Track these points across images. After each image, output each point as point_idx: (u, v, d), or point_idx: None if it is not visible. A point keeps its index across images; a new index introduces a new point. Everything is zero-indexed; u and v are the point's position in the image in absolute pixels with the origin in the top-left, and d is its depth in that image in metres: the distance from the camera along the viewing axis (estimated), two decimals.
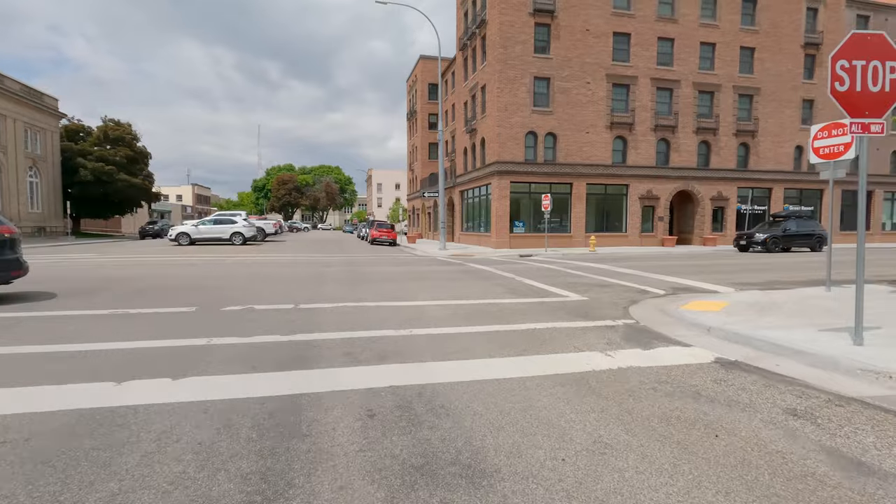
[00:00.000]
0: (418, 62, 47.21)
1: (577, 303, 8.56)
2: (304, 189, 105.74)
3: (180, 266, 14.89)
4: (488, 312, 7.51)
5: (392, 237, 32.10)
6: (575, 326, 6.53)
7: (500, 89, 25.30)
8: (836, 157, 9.23)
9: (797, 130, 30.38)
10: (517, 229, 26.47)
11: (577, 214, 26.97)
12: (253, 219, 34.30)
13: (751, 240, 23.86)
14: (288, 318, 6.90)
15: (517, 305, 8.20)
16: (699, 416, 3.40)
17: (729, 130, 29.04)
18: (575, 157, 26.64)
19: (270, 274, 12.80)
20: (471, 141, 30.50)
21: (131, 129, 48.61)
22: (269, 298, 8.59)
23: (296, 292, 9.39)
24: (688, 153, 28.53)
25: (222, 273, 12.87)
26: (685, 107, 28.15)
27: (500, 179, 25.64)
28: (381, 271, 13.95)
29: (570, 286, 10.76)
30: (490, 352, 5.16)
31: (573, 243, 26.83)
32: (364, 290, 9.77)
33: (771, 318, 6.67)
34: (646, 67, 27.32)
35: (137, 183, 45.42)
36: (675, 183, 28.42)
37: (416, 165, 48.06)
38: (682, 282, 11.66)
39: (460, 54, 32.59)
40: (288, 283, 10.78)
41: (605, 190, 27.67)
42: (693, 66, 28.10)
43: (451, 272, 13.88)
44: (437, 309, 7.79)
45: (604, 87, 26.76)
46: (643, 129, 27.60)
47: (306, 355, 4.95)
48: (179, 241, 27.01)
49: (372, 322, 6.67)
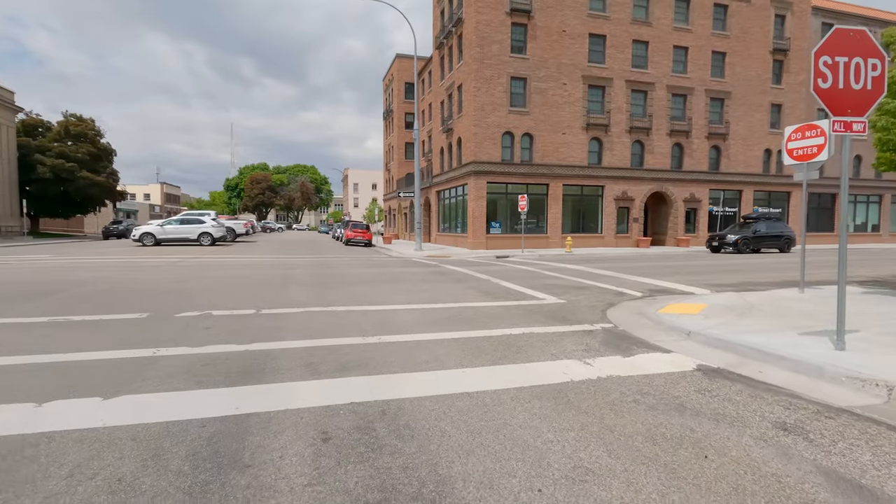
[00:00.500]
0: (394, 61, 46.68)
1: (554, 306, 8.31)
2: (278, 189, 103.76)
3: (140, 268, 14.12)
4: (462, 317, 7.19)
5: (367, 238, 31.54)
6: (552, 332, 6.26)
7: (477, 89, 25.07)
8: (810, 159, 9.25)
9: (766, 134, 31.10)
10: (494, 230, 26.28)
11: (553, 215, 26.95)
12: (223, 219, 33.21)
13: (723, 241, 24.23)
14: (247, 324, 6.43)
15: (492, 309, 7.90)
16: (686, 433, 3.13)
17: (701, 133, 29.50)
18: (551, 157, 26.62)
19: (236, 276, 12.21)
20: (447, 140, 30.19)
21: (94, 124, 46.62)
22: (230, 303, 8.07)
23: (260, 296, 8.89)
24: (662, 155, 28.85)
25: (184, 276, 12.21)
26: (659, 109, 28.47)
27: (476, 180, 25.40)
28: (354, 273, 13.50)
29: (547, 288, 10.54)
30: (462, 361, 4.83)
31: (549, 244, 26.80)
32: (334, 294, 9.33)
33: (750, 322, 6.53)
34: (621, 69, 27.50)
35: (100, 181, 43.57)
36: (650, 184, 28.71)
37: (393, 165, 47.51)
38: (658, 283, 11.58)
39: (437, 53, 32.27)
40: (253, 287, 10.25)
41: (581, 191, 27.73)
42: (667, 69, 28.44)
43: (425, 274, 13.53)
44: (409, 313, 7.43)
45: (580, 88, 26.81)
46: (618, 131, 27.78)
47: (262, 367, 4.52)
48: (144, 241, 25.89)
49: (339, 328, 6.27)
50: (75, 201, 43.52)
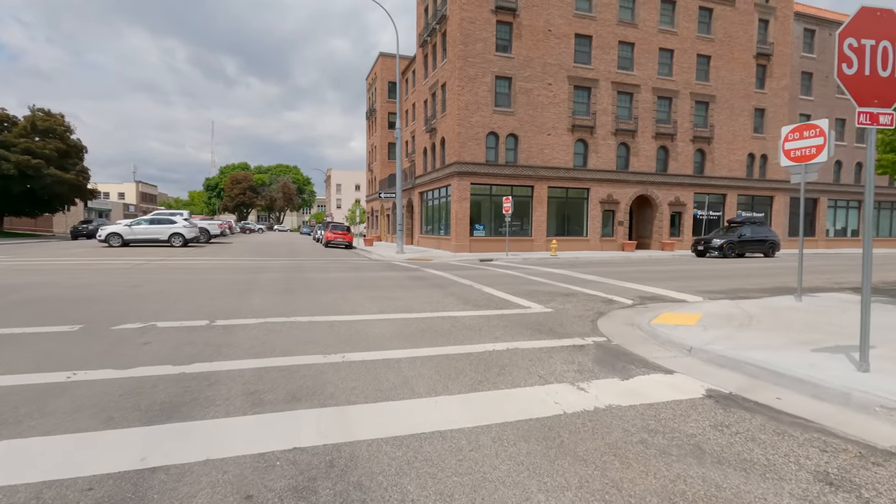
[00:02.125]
0: (378, 59, 45.88)
1: (540, 315, 7.67)
2: (259, 189, 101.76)
3: (96, 271, 13.09)
4: (439, 329, 6.49)
5: (348, 240, 30.65)
6: (539, 347, 5.60)
7: (461, 87, 24.44)
8: (809, 160, 8.80)
9: (749, 138, 31.11)
10: (477, 232, 25.65)
11: (538, 218, 26.43)
12: (197, 219, 31.92)
13: (708, 245, 23.99)
14: (194, 339, 5.63)
15: (472, 320, 7.22)
16: (711, 492, 2.48)
17: (686, 136, 29.35)
18: (536, 159, 26.12)
19: (198, 281, 11.31)
20: (430, 140, 29.51)
21: (64, 120, 44.80)
22: (182, 312, 7.24)
23: (219, 304, 8.06)
24: (647, 158, 28.60)
25: (142, 280, 11.27)
26: (645, 112, 28.22)
27: (460, 181, 24.75)
28: (327, 278, 12.70)
29: (532, 295, 9.90)
30: (435, 386, 4.13)
31: (534, 247, 26.28)
32: (301, 302, 8.55)
33: (752, 334, 5.97)
34: (606, 71, 27.17)
35: (69, 179, 41.76)
36: (635, 188, 28.42)
37: (376, 166, 46.64)
38: (647, 290, 11.05)
39: (420, 51, 31.58)
40: (213, 293, 9.40)
41: (566, 193, 27.28)
42: (652, 72, 28.21)
43: (404, 279, 12.80)
44: (381, 325, 6.70)
45: (565, 88, 26.38)
46: (604, 133, 27.43)
47: (194, 397, 3.76)
48: (110, 242, 24.58)
49: (298, 344, 5.51)
50: (42, 199, 41.65)
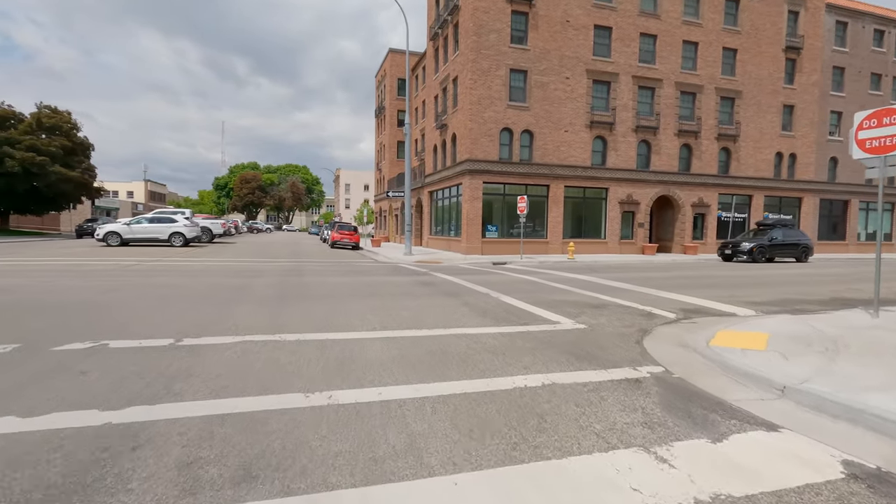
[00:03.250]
0: (387, 56, 44.83)
1: (573, 334, 6.42)
2: (268, 188, 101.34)
3: (77, 273, 12.05)
4: (453, 353, 5.27)
5: (355, 240, 29.58)
6: (583, 381, 4.36)
7: (474, 81, 23.20)
8: (889, 151, 7.45)
9: (777, 136, 29.50)
10: (489, 234, 24.38)
11: (553, 219, 25.10)
12: (199, 217, 31.00)
13: (736, 249, 22.52)
14: (148, 365, 4.47)
15: (494, 339, 5.99)
16: None
17: (711, 134, 27.82)
18: (552, 157, 24.80)
19: (184, 286, 10.20)
20: (441, 137, 28.29)
21: (70, 117, 44.33)
22: (149, 326, 6.10)
23: (197, 315, 6.92)
24: (669, 156, 27.13)
25: (121, 283, 10.18)
26: (667, 107, 26.76)
27: (472, 179, 23.50)
28: (327, 283, 11.53)
29: (558, 306, 8.65)
30: (453, 454, 2.91)
31: (549, 250, 24.95)
32: (291, 313, 7.38)
33: (850, 366, 4.67)
34: (627, 64, 25.77)
35: (74, 176, 41.20)
36: (656, 188, 26.96)
37: (384, 165, 45.56)
38: (686, 300, 9.74)
39: (431, 45, 30.39)
40: (196, 301, 8.26)
41: (583, 193, 25.92)
42: (675, 66, 26.76)
43: (411, 285, 11.60)
44: (382, 346, 5.50)
45: (584, 83, 25.04)
46: (624, 130, 26.03)
47: (101, 474, 2.57)
48: (108, 241, 23.68)
49: (276, 375, 4.32)
50: (47, 197, 41.13)
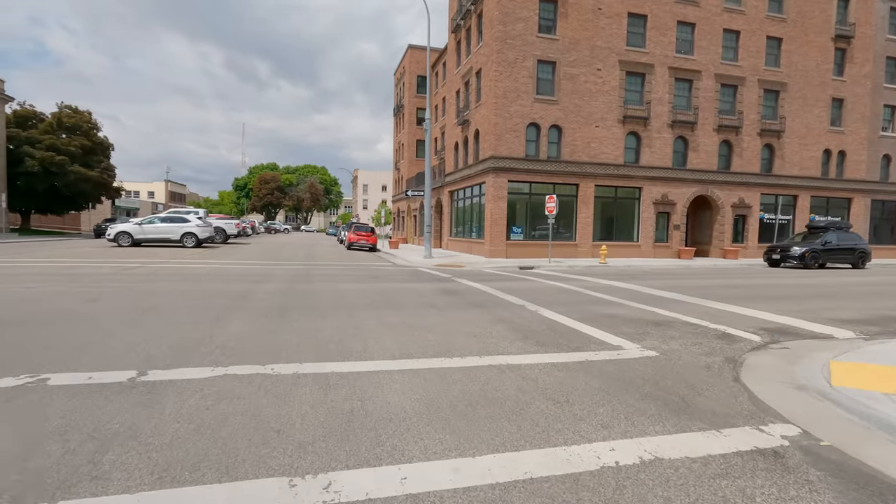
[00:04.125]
0: (406, 52, 43.69)
1: (646, 365, 4.98)
2: (287, 189, 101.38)
3: (70, 277, 11.03)
4: (498, 397, 3.89)
5: (372, 242, 28.44)
6: (696, 455, 2.93)
7: (499, 73, 21.77)
8: None
9: (825, 132, 27.33)
10: (514, 235, 22.89)
11: (582, 220, 23.49)
12: (213, 217, 30.20)
13: (786, 254, 20.60)
14: (82, 419, 3.19)
15: (546, 374, 4.59)
16: None
17: (753, 129, 25.85)
18: (582, 154, 23.20)
19: (178, 293, 9.03)
20: (463, 134, 26.92)
21: (91, 117, 44.33)
22: (111, 351, 4.86)
23: (178, 334, 5.67)
24: (707, 154, 25.26)
25: (108, 291, 9.06)
26: (706, 101, 24.91)
27: (496, 177, 22.06)
28: (339, 291, 10.24)
29: (611, 323, 7.19)
30: None
31: (578, 253, 23.35)
32: (292, 332, 6.08)
33: None
34: (663, 55, 24.03)
35: (93, 176, 41.06)
36: (694, 187, 25.12)
37: (403, 164, 44.41)
38: (760, 316, 8.18)
39: (453, 37, 29.05)
40: (185, 313, 7.04)
41: (614, 193, 24.24)
42: (715, 56, 24.90)
43: (434, 293, 10.24)
44: (403, 384, 4.14)
45: (616, 74, 23.39)
46: (659, 125, 24.27)
47: None
48: (119, 241, 22.92)
49: (251, 442, 3.00)
50: (66, 197, 41.05)
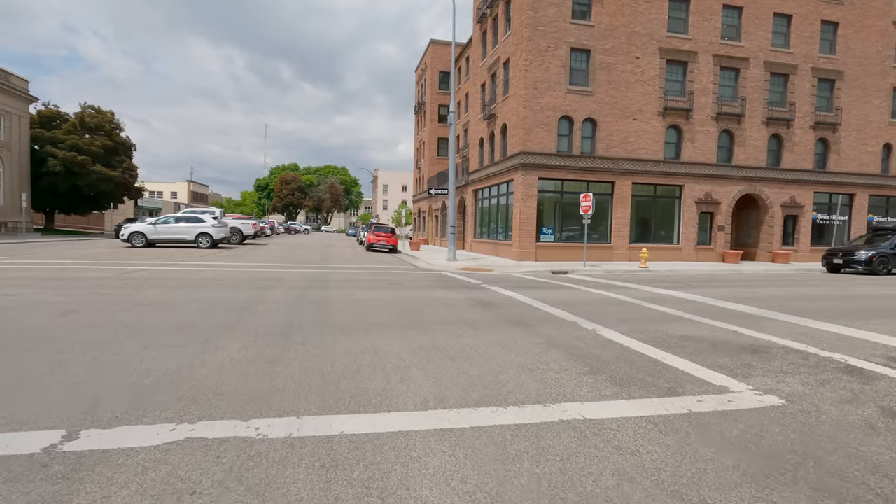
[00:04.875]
0: (428, 48, 42.47)
1: (779, 423, 3.48)
2: (307, 189, 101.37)
3: (59, 283, 9.98)
4: (590, 494, 2.44)
5: (392, 243, 27.22)
6: None
7: (529, 62, 20.27)
8: None
9: (885, 125, 25.01)
10: (544, 237, 21.34)
11: (618, 220, 21.79)
12: (230, 217, 29.39)
13: (850, 258, 18.58)
14: None
15: (645, 439, 3.13)
16: None
17: (805, 122, 23.74)
18: (618, 149, 21.51)
19: (169, 304, 7.83)
20: (489, 129, 25.46)
21: (113, 117, 44.30)
22: (48, 395, 3.60)
23: (146, 364, 4.40)
24: (755, 148, 23.27)
25: (91, 301, 7.92)
26: (754, 92, 22.93)
27: (525, 174, 20.55)
28: (356, 301, 8.92)
29: (693, 349, 5.67)
30: None
31: (614, 256, 21.66)
32: (293, 361, 4.75)
33: None
34: (707, 41, 22.17)
35: (115, 176, 40.92)
36: (740, 185, 23.16)
37: (424, 163, 43.17)
38: (874, 339, 6.54)
39: (478, 28, 27.62)
40: (166, 333, 5.80)
41: (653, 191, 22.47)
42: (764, 43, 22.90)
43: (466, 305, 8.83)
44: (443, 467, 2.74)
45: (656, 63, 21.63)
46: (702, 118, 22.41)
47: None
48: (133, 242, 22.17)
49: None
50: (88, 197, 41.02)
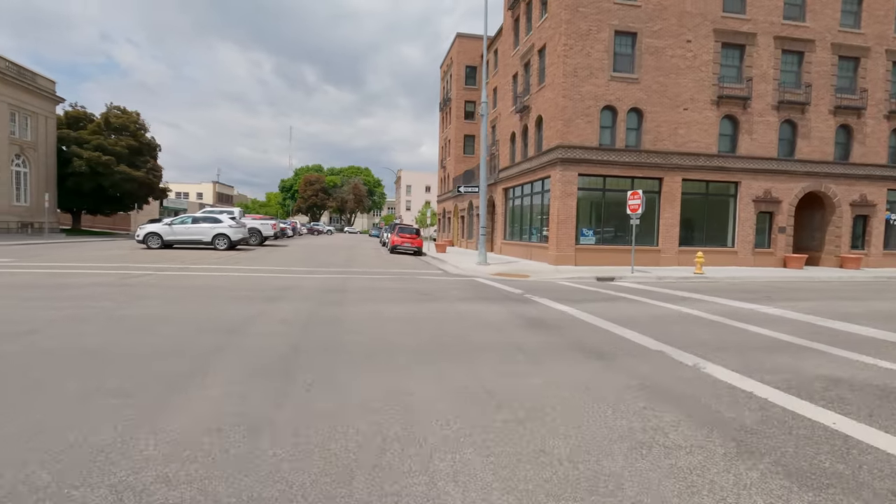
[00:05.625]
0: (454, 43, 40.90)
1: None
2: (331, 190, 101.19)
3: (44, 290, 8.75)
4: None
5: (417, 245, 25.73)
6: None
7: (568, 47, 18.47)
8: None
9: None
10: (584, 239, 19.48)
11: (667, 221, 19.77)
12: (248, 218, 28.36)
13: None
14: None
15: None
16: None
17: (878, 111, 21.23)
18: (667, 142, 19.51)
19: (152, 321, 6.42)
20: (521, 123, 23.72)
21: (139, 117, 44.19)
22: None
23: (72, 434, 2.90)
24: (821, 141, 20.90)
25: (66, 315, 6.57)
26: (820, 77, 20.59)
27: (564, 170, 18.74)
28: (379, 319, 7.36)
29: (864, 404, 3.88)
30: None
31: (661, 260, 19.64)
32: (286, 428, 3.18)
33: None
34: (767, 22, 19.95)
35: (139, 176, 40.65)
36: (803, 181, 20.82)
37: (449, 161, 41.61)
38: None
39: (509, 15, 25.90)
40: (128, 369, 4.33)
41: (705, 188, 20.36)
42: (832, 22, 20.54)
43: (513, 324, 7.18)
44: None
45: (709, 47, 19.55)
46: (761, 107, 20.19)
47: None
48: (148, 243, 21.26)
49: None
50: (112, 197, 40.85)
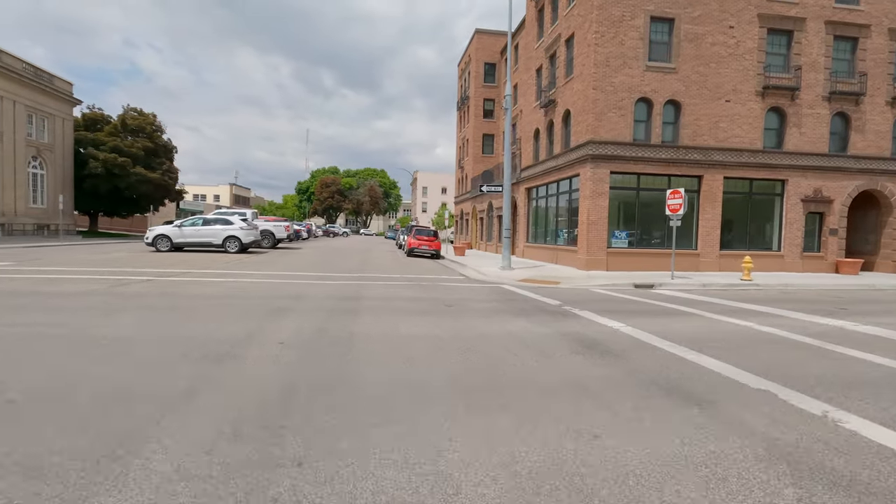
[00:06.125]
0: (472, 40, 39.71)
1: None
2: (347, 192, 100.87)
3: (29, 300, 7.78)
4: None
5: (435, 247, 24.58)
6: None
7: (599, 35, 17.12)
8: None
9: None
10: (617, 242, 18.07)
11: (707, 222, 18.24)
12: (261, 220, 27.50)
13: None
14: None
15: None
16: None
17: None
18: (707, 137, 18.00)
19: (127, 343, 5.33)
20: (546, 119, 22.38)
21: (155, 119, 44.01)
22: None
23: None
24: (877, 135, 19.15)
25: (27, 334, 5.53)
26: (876, 66, 18.86)
27: (595, 168, 17.38)
28: (397, 342, 6.16)
29: None
30: None
31: (700, 265, 18.12)
32: None
33: None
34: (818, 5, 18.32)
35: (154, 178, 40.34)
36: (857, 179, 19.09)
37: (467, 161, 40.38)
38: None
39: (532, 6, 24.58)
40: (51, 432, 3.21)
41: (749, 187, 18.78)
42: (889, 6, 18.80)
43: (560, 349, 5.92)
44: None
45: (754, 33, 18.00)
46: (811, 98, 18.55)
47: None
48: (157, 246, 20.49)
49: None
50: (128, 199, 40.62)
